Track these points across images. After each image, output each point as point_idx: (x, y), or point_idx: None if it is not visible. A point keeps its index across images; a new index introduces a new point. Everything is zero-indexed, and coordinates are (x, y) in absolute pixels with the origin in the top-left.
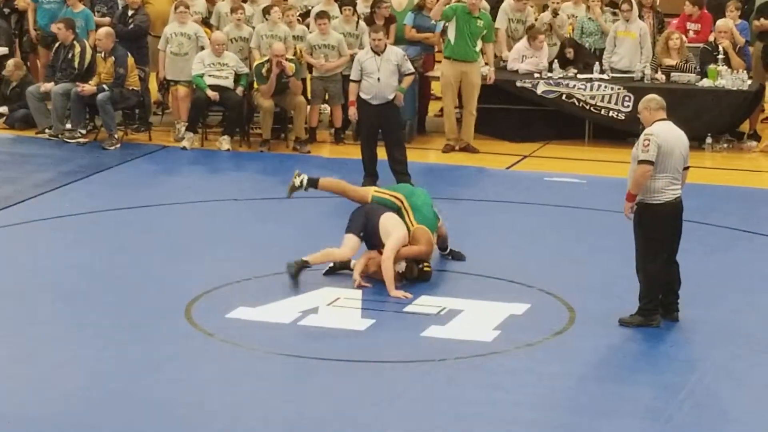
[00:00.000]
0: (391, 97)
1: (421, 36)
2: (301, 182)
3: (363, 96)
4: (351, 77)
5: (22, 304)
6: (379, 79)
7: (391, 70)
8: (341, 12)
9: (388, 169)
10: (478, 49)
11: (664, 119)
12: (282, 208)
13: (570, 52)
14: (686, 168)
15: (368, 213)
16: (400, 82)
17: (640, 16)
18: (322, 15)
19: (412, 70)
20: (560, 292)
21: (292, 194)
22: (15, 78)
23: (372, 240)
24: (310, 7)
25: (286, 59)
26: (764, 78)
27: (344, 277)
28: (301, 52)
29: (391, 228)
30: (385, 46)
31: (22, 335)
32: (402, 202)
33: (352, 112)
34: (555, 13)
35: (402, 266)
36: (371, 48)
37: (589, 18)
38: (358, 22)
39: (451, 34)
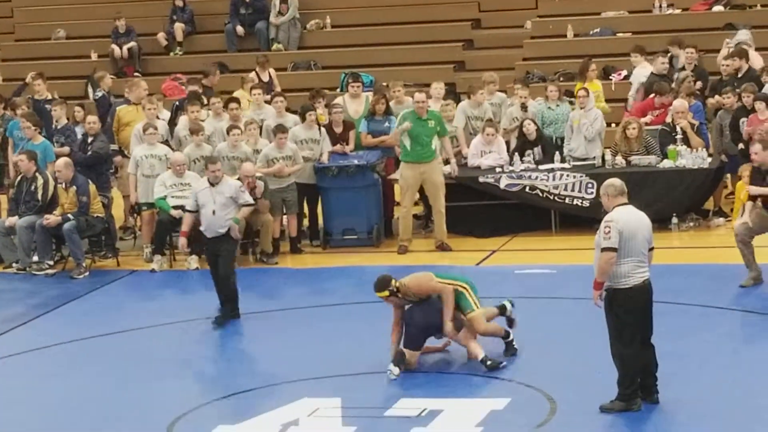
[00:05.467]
0: (223, 230)
1: (377, 140)
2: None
3: (200, 228)
4: (186, 207)
5: None
6: (214, 211)
7: (223, 202)
8: (302, 119)
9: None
10: (434, 146)
11: (624, 204)
12: (254, 324)
13: (531, 133)
14: (651, 249)
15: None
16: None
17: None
18: (283, 129)
19: (251, 201)
20: (539, 383)
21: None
22: None
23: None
24: (264, 121)
25: (256, 178)
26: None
27: (323, 386)
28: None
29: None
30: (220, 178)
31: None
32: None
33: (183, 242)
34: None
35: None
36: (208, 179)
37: (549, 107)
38: (319, 128)
39: (406, 141)
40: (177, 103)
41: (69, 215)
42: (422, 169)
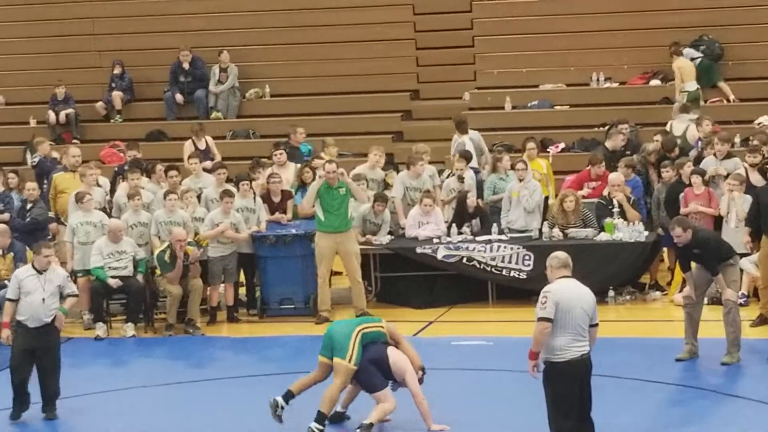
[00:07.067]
0: (48, 319)
1: (313, 211)
2: (277, 404)
3: (19, 317)
4: (7, 296)
5: None
6: (44, 299)
7: (52, 291)
8: (238, 188)
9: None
10: (349, 216)
11: (566, 276)
12: (190, 393)
13: (471, 207)
14: (594, 325)
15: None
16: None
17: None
18: (230, 194)
19: (76, 292)
20: None
21: (277, 415)
22: None
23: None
24: (203, 189)
25: (187, 243)
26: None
27: None
28: (196, 235)
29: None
30: (49, 263)
31: None
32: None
33: (6, 334)
34: (461, 179)
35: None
36: (32, 265)
37: (500, 178)
38: (255, 198)
39: (320, 211)
40: (117, 169)
41: (6, 282)
42: (338, 239)
